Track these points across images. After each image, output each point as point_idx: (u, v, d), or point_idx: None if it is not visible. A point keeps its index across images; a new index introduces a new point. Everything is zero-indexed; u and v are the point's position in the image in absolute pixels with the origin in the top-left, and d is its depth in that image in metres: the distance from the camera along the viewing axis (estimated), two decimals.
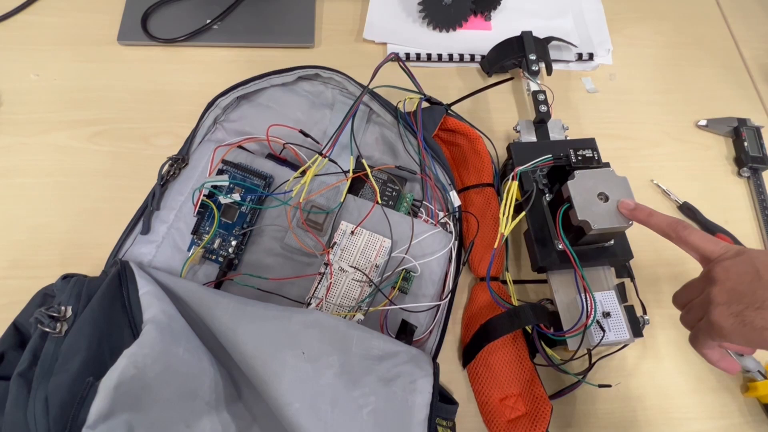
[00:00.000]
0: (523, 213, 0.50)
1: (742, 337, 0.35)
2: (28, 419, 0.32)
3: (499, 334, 0.46)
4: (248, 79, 0.56)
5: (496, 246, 0.48)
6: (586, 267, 0.48)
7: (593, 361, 0.48)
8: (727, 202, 0.61)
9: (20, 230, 0.53)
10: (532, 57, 0.62)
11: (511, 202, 0.49)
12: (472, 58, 0.67)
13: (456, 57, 0.67)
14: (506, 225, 0.48)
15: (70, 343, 0.36)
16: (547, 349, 0.47)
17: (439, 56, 0.67)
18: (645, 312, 0.50)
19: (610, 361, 0.51)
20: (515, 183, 0.50)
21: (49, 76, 0.61)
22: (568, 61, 0.69)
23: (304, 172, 0.51)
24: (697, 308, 0.39)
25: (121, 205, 0.52)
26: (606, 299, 0.47)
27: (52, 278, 0.43)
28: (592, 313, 0.45)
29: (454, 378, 0.50)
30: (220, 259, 0.49)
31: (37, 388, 0.33)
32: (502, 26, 0.70)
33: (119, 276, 0.42)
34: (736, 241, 0.57)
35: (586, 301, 0.45)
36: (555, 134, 0.57)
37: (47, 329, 0.37)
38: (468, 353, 0.49)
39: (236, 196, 0.50)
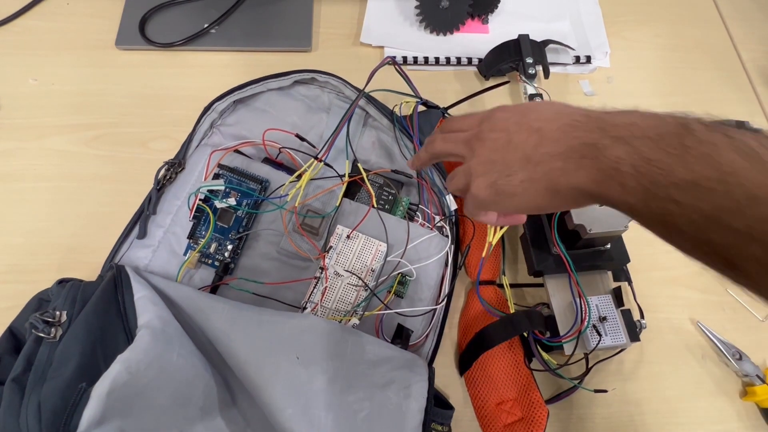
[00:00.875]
0: None
1: (499, 206, 0.35)
2: (20, 425, 0.32)
3: (494, 342, 0.46)
4: (245, 83, 0.56)
5: (483, 255, 0.48)
6: (582, 271, 0.48)
7: (590, 365, 0.47)
8: None
9: (18, 234, 0.53)
10: (529, 60, 0.62)
11: None
12: (470, 61, 0.67)
13: (453, 60, 0.67)
14: (494, 233, 0.48)
15: (64, 348, 0.36)
16: (544, 354, 0.47)
17: (437, 59, 0.67)
18: (642, 316, 0.50)
19: (608, 365, 0.51)
20: None
21: (47, 80, 0.61)
22: (565, 64, 0.68)
23: (299, 176, 0.51)
24: (460, 176, 0.37)
25: (119, 210, 0.52)
26: (602, 303, 0.47)
27: (49, 283, 0.44)
28: (587, 317, 0.45)
29: (451, 382, 0.50)
30: (216, 263, 0.49)
31: (30, 394, 0.33)
32: (499, 29, 0.70)
33: (115, 280, 0.42)
34: None
35: (581, 305, 0.45)
36: None
37: (42, 334, 0.37)
38: (464, 362, 0.49)
39: (232, 201, 0.50)
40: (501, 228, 0.49)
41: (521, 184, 0.32)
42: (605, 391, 0.49)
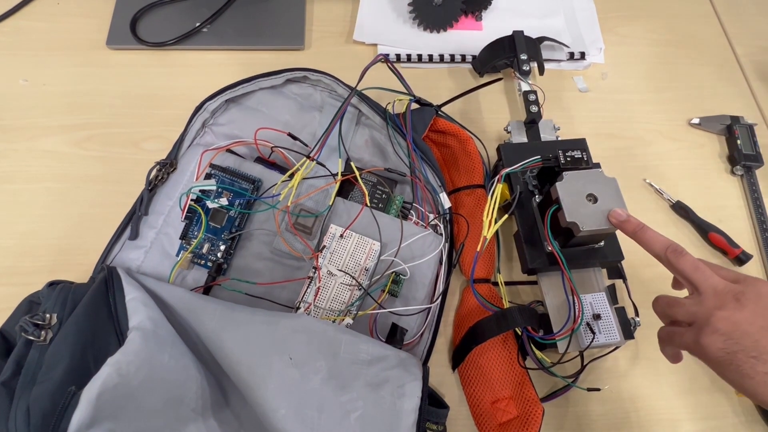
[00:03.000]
0: (506, 216, 0.49)
1: (723, 372, 0.35)
2: (9, 430, 0.32)
3: (487, 336, 0.45)
4: (236, 82, 0.55)
5: (478, 249, 0.48)
6: (576, 269, 0.48)
7: (585, 363, 0.47)
8: (721, 200, 0.61)
9: (9, 237, 0.52)
10: (523, 57, 0.62)
11: (495, 205, 0.49)
12: (464, 58, 0.67)
13: (447, 58, 0.67)
14: (488, 228, 0.48)
15: (54, 351, 0.36)
16: (537, 352, 0.46)
17: (430, 57, 0.66)
18: (637, 314, 0.49)
19: (603, 362, 0.51)
20: (500, 185, 0.49)
21: (38, 81, 0.61)
22: (559, 61, 0.68)
23: (292, 176, 0.51)
24: (686, 310, 0.38)
25: (111, 211, 0.51)
26: (596, 301, 0.47)
27: (40, 285, 0.43)
28: (580, 315, 0.44)
29: (446, 381, 0.50)
30: (209, 263, 0.49)
31: (19, 398, 0.33)
32: (493, 26, 0.70)
33: (106, 282, 0.42)
34: (729, 241, 0.56)
35: (574, 303, 0.45)
36: (546, 134, 0.57)
37: (31, 337, 0.37)
38: (457, 356, 0.49)
39: (224, 201, 0.50)
40: (496, 222, 0.48)
41: (765, 376, 0.32)
42: (598, 389, 0.49)
